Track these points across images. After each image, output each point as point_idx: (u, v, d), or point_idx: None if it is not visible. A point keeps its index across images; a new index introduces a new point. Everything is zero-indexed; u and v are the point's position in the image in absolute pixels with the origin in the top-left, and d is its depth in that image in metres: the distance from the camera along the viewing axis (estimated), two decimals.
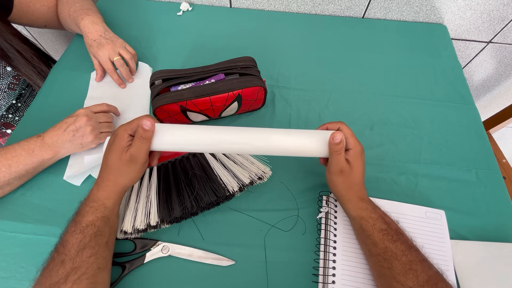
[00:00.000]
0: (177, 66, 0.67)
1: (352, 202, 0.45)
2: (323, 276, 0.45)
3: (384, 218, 0.43)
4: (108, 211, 0.41)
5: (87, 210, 0.40)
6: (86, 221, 0.39)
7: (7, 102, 0.68)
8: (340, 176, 0.45)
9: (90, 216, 0.40)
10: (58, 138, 0.50)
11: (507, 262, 0.47)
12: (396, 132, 0.61)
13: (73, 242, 0.38)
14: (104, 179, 0.42)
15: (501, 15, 0.77)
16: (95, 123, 0.53)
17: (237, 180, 0.49)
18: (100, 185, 0.42)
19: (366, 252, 0.44)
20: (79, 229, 0.39)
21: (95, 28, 0.63)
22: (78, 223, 0.39)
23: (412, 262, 0.38)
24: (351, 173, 0.44)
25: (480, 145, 0.60)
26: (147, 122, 0.41)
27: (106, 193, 0.41)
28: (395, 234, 0.41)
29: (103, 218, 0.41)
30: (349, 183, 0.45)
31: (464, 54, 0.91)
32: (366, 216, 0.43)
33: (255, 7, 0.82)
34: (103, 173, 0.42)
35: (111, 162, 0.41)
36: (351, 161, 0.44)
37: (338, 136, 0.42)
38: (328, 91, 0.67)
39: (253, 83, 0.54)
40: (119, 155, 0.40)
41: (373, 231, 0.42)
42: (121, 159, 0.40)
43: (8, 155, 0.48)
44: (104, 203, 0.41)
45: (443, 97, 0.67)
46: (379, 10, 0.80)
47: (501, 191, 0.55)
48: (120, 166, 0.41)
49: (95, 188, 0.42)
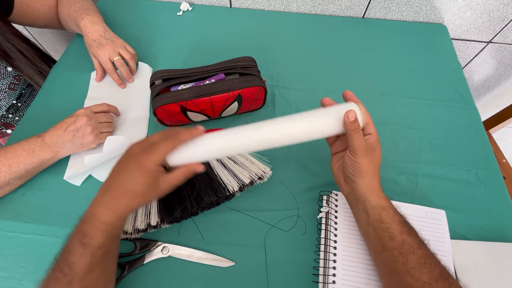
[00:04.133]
0: (177, 66, 0.66)
1: (375, 190, 0.42)
2: (323, 276, 0.45)
3: (400, 211, 0.42)
4: (118, 230, 0.39)
5: (97, 233, 0.36)
6: (96, 243, 0.36)
7: (8, 102, 0.68)
8: (365, 157, 0.41)
9: (101, 238, 0.37)
10: (58, 138, 0.50)
11: (507, 262, 0.47)
12: (396, 132, 0.61)
13: (81, 265, 0.35)
14: (118, 201, 0.38)
15: (501, 15, 0.77)
16: (95, 123, 0.52)
17: (237, 180, 0.49)
18: (111, 207, 0.38)
19: (377, 248, 0.41)
20: (89, 252, 0.36)
21: (95, 28, 0.63)
22: (88, 246, 0.36)
23: (426, 256, 0.37)
24: (375, 155, 0.42)
25: (480, 145, 0.60)
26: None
27: (115, 215, 0.38)
28: (410, 226, 0.40)
29: (113, 237, 0.38)
30: (375, 165, 0.43)
31: (464, 54, 0.91)
32: (387, 206, 0.41)
33: (255, 7, 0.82)
34: (113, 193, 0.38)
35: (128, 184, 0.38)
36: (373, 145, 0.42)
37: (353, 114, 0.40)
38: (328, 91, 0.67)
39: (253, 83, 0.54)
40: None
41: (392, 222, 0.40)
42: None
43: (8, 155, 0.48)
44: (115, 224, 0.38)
45: (443, 97, 0.67)
46: (379, 10, 0.80)
47: (501, 191, 0.55)
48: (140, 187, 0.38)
49: (104, 210, 0.37)
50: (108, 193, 0.38)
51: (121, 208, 0.38)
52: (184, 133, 0.40)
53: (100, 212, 0.37)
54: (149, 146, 0.38)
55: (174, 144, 0.39)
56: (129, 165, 0.38)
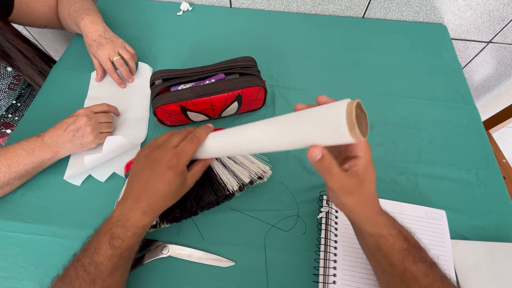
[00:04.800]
0: (177, 66, 0.66)
1: (370, 219, 0.36)
2: (323, 276, 0.45)
3: (403, 233, 0.36)
4: (146, 231, 0.41)
5: (128, 236, 0.38)
6: (126, 246, 0.38)
7: (7, 102, 0.68)
8: (350, 196, 0.34)
9: (132, 241, 0.38)
10: (58, 138, 0.50)
11: (507, 262, 0.47)
12: (396, 132, 0.61)
13: (108, 265, 0.36)
14: (155, 206, 0.40)
15: (501, 15, 0.77)
16: (95, 123, 0.52)
17: (237, 179, 0.49)
18: (147, 212, 0.39)
19: (377, 270, 0.39)
20: (118, 254, 0.37)
21: (95, 28, 0.63)
22: (117, 248, 0.37)
23: (433, 283, 0.34)
24: (363, 188, 0.34)
25: (480, 145, 0.60)
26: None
27: (151, 218, 0.40)
28: (416, 252, 0.35)
29: (141, 239, 0.40)
30: (363, 199, 0.35)
31: (464, 54, 0.91)
32: (386, 234, 0.35)
33: (255, 7, 0.82)
34: (148, 199, 0.39)
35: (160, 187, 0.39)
36: (361, 173, 0.33)
37: (316, 152, 0.31)
38: (328, 91, 0.67)
39: (253, 83, 0.54)
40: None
41: (392, 251, 0.35)
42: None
43: (8, 155, 0.48)
44: (146, 227, 0.40)
45: (443, 97, 0.67)
46: (379, 10, 0.80)
47: (501, 191, 0.55)
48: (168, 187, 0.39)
49: (139, 214, 0.38)
50: (143, 199, 0.39)
51: (157, 212, 0.40)
52: (202, 132, 0.41)
53: (135, 217, 0.38)
54: (174, 149, 0.40)
55: (197, 144, 0.41)
56: (161, 171, 0.39)
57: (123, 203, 0.40)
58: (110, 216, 0.40)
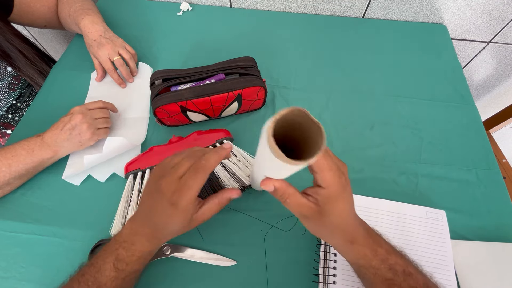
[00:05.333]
0: (177, 66, 0.66)
1: (342, 247, 0.35)
2: (323, 276, 0.45)
3: (388, 261, 0.34)
4: (152, 255, 0.40)
5: (133, 260, 0.37)
6: (131, 270, 0.37)
7: (7, 102, 0.68)
8: (309, 223, 0.35)
9: (136, 265, 0.37)
10: (56, 137, 0.50)
11: (507, 262, 0.47)
12: (396, 132, 0.61)
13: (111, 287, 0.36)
14: (158, 235, 0.38)
15: (501, 15, 0.77)
16: (90, 119, 0.52)
17: (237, 181, 0.49)
18: (151, 240, 0.38)
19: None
20: (122, 277, 0.36)
21: (95, 28, 0.63)
22: (121, 271, 0.36)
23: None
24: (323, 219, 0.33)
25: (480, 145, 0.60)
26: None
27: (156, 246, 0.39)
28: (403, 279, 0.33)
29: (146, 262, 0.40)
30: (328, 229, 0.34)
31: (464, 54, 0.91)
32: (366, 265, 0.34)
33: (255, 7, 0.82)
34: (152, 228, 0.37)
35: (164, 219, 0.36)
36: (321, 204, 0.32)
37: (268, 186, 0.32)
38: (328, 91, 0.67)
39: (253, 83, 0.54)
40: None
41: (375, 280, 0.33)
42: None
43: (8, 155, 0.48)
44: (152, 252, 0.39)
45: (443, 97, 0.67)
46: (379, 10, 0.80)
47: (501, 191, 0.55)
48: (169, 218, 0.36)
49: (144, 240, 0.37)
50: (148, 226, 0.37)
51: (161, 241, 0.39)
52: (212, 158, 0.36)
53: (140, 242, 0.37)
54: (177, 182, 0.34)
55: (203, 175, 0.35)
56: (163, 206, 0.35)
57: (133, 222, 0.39)
58: (120, 233, 0.38)
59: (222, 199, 0.39)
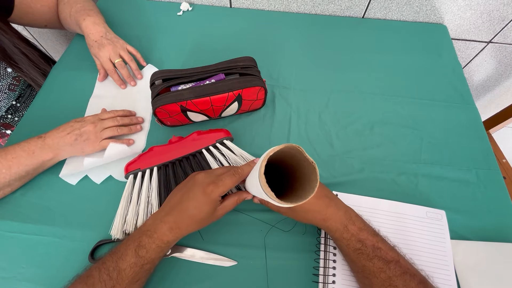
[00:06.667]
0: (177, 66, 0.67)
1: (320, 225, 0.44)
2: (323, 276, 0.45)
3: (358, 236, 0.41)
4: (170, 248, 0.43)
5: (153, 248, 0.39)
6: (149, 257, 0.39)
7: (7, 103, 0.68)
8: (287, 215, 0.46)
9: (155, 254, 0.40)
10: (60, 140, 0.50)
11: (507, 262, 0.47)
12: (396, 132, 0.61)
13: (129, 274, 0.38)
14: (181, 225, 0.41)
15: (501, 15, 0.77)
16: (99, 129, 0.53)
17: None
18: (173, 229, 0.40)
19: (350, 267, 0.45)
20: (140, 264, 0.38)
21: (96, 29, 0.63)
22: (141, 258, 0.38)
23: (391, 278, 0.38)
24: (295, 212, 0.44)
25: (480, 145, 0.60)
26: None
27: (175, 236, 0.41)
28: (372, 250, 0.40)
29: (163, 254, 0.42)
30: (302, 214, 0.44)
31: (464, 54, 0.91)
32: (339, 237, 0.42)
33: (255, 7, 0.82)
34: (177, 215, 0.40)
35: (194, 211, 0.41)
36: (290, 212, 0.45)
37: (254, 199, 0.45)
38: (328, 91, 0.67)
39: (253, 83, 0.54)
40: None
41: (348, 250, 0.41)
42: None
43: (8, 156, 0.48)
44: (170, 244, 0.41)
45: (443, 97, 0.67)
46: (379, 10, 0.80)
47: (501, 191, 0.55)
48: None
49: (166, 229, 0.40)
50: (172, 214, 0.41)
51: (182, 232, 0.41)
52: (246, 169, 0.43)
53: (162, 230, 0.40)
54: (215, 177, 0.41)
55: (238, 179, 0.42)
56: (196, 193, 0.40)
57: (158, 213, 0.42)
58: (143, 224, 0.41)
59: (240, 198, 0.45)
